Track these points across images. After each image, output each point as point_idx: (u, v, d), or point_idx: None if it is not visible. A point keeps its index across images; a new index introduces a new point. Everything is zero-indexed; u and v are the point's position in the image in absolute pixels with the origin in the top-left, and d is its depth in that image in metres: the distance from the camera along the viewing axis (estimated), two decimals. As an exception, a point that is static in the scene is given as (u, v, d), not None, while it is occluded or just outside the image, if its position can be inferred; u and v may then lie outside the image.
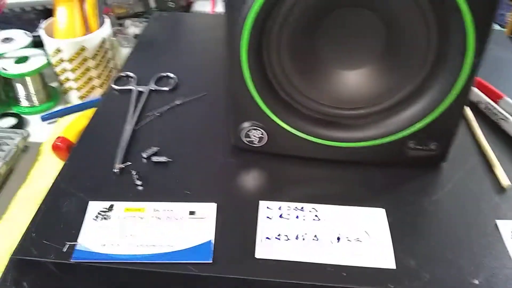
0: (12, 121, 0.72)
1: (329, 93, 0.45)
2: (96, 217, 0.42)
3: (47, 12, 0.84)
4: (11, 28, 0.80)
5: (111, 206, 0.43)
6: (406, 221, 0.43)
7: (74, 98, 0.75)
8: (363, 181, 0.47)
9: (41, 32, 0.70)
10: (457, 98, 0.42)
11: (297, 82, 0.45)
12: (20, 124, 0.72)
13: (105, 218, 0.42)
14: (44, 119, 0.72)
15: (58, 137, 0.62)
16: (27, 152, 0.66)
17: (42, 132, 0.69)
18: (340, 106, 0.46)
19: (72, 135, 0.62)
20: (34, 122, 0.72)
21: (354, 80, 0.45)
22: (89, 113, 0.69)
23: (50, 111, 0.73)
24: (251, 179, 0.47)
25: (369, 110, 0.45)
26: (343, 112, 0.46)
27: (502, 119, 0.54)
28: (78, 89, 0.74)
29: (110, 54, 0.74)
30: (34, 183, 0.60)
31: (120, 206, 0.43)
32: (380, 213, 0.44)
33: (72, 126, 0.65)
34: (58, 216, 0.42)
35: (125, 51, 0.83)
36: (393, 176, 0.48)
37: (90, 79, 0.73)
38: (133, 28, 0.88)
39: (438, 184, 0.47)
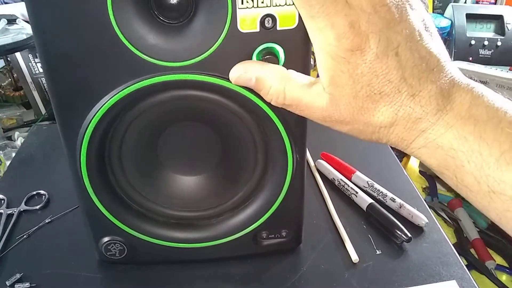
0: None
1: (176, 198, 0.48)
2: None
3: None
4: None
5: None
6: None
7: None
8: (225, 279, 0.50)
9: None
10: (291, 191, 0.46)
11: (145, 192, 0.47)
12: None
13: None
14: None
15: None
16: None
17: None
18: (189, 209, 0.49)
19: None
20: None
21: (196, 185, 0.48)
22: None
23: None
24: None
25: (216, 210, 0.49)
26: (193, 214, 0.49)
27: (353, 194, 0.59)
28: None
29: (-8, 173, 0.74)
30: None
31: None
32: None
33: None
34: None
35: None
36: (253, 269, 0.50)
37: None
38: (21, 139, 0.89)
39: (294, 268, 0.50)
